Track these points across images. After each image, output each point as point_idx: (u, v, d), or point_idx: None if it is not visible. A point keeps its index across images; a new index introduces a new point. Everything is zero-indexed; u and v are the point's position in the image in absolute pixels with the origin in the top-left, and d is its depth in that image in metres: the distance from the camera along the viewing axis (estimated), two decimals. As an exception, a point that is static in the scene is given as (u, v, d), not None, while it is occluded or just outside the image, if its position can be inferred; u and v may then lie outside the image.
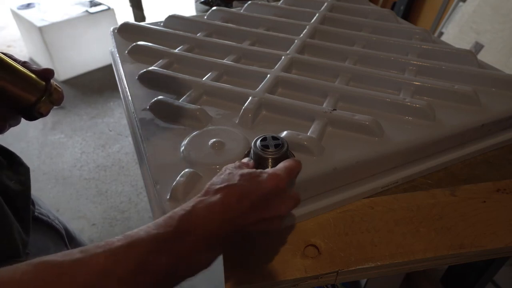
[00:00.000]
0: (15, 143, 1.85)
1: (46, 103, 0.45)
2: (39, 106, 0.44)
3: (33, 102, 0.44)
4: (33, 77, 0.44)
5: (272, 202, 0.35)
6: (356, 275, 0.43)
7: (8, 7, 2.45)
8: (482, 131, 0.57)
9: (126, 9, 2.58)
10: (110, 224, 1.46)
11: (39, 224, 0.51)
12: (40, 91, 0.44)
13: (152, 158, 0.47)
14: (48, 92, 0.45)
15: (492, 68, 0.68)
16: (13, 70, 0.42)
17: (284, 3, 0.90)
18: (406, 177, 0.53)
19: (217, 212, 0.32)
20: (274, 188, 0.35)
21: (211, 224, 0.31)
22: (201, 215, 0.31)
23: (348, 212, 0.49)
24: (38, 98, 0.44)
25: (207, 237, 0.31)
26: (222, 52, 0.69)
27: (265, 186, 0.34)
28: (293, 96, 0.58)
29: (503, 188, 0.53)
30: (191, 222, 0.31)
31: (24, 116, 0.46)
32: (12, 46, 2.76)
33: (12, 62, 0.42)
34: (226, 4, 2.60)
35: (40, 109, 0.44)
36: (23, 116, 0.46)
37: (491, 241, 0.45)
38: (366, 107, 0.56)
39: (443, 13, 1.89)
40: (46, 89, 0.45)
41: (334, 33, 0.75)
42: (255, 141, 0.44)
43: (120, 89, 0.66)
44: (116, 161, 1.76)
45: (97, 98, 2.19)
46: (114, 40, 0.74)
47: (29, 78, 0.43)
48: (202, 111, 0.53)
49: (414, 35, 0.75)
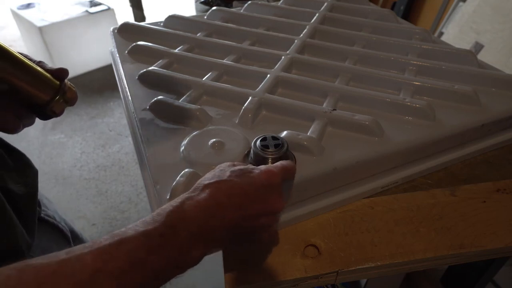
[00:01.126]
0: (15, 143, 1.84)
1: (60, 103, 0.45)
2: (52, 105, 0.45)
3: (47, 101, 0.44)
4: (47, 76, 0.44)
5: (264, 196, 0.34)
6: (356, 275, 0.43)
7: (8, 7, 2.45)
8: (482, 131, 0.57)
9: (126, 9, 2.58)
10: (110, 224, 1.46)
11: (44, 226, 0.50)
12: (54, 90, 0.45)
13: (152, 158, 0.47)
14: (62, 91, 0.45)
15: (492, 68, 0.68)
16: (28, 69, 0.42)
17: (284, 3, 0.90)
18: (406, 177, 0.53)
19: (205, 207, 0.31)
20: (266, 181, 0.34)
21: (199, 220, 0.30)
22: (188, 210, 0.30)
23: (348, 212, 0.49)
24: (52, 97, 0.44)
25: (195, 233, 0.30)
26: (222, 52, 0.69)
27: (256, 180, 0.34)
28: (293, 96, 0.58)
29: (503, 188, 0.53)
30: (179, 218, 0.30)
31: (38, 115, 0.47)
32: (12, 46, 2.74)
33: (27, 61, 0.42)
34: (226, 4, 2.60)
35: (54, 108, 0.45)
36: (37, 115, 0.47)
37: (491, 241, 0.45)
38: (366, 107, 0.56)
39: (443, 13, 1.89)
40: (60, 88, 0.45)
41: (334, 33, 0.75)
42: (255, 141, 0.44)
43: (120, 89, 0.66)
44: (116, 161, 1.76)
45: (97, 98, 2.19)
46: (114, 40, 0.74)
47: (44, 77, 0.44)
48: (202, 111, 0.53)
49: (414, 35, 0.75)
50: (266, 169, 0.35)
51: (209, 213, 0.31)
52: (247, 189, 0.33)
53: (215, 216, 0.31)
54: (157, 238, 0.28)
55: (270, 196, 0.34)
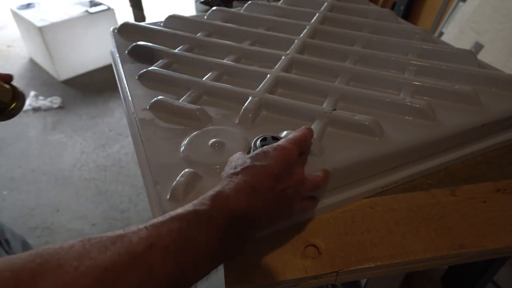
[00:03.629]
0: (15, 143, 1.85)
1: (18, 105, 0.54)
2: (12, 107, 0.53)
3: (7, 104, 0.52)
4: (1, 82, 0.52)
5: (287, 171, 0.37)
6: (356, 275, 0.43)
7: (8, 7, 2.45)
8: (482, 131, 0.57)
9: (126, 9, 2.58)
10: (110, 224, 1.46)
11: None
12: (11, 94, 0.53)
13: (152, 158, 0.47)
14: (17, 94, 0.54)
15: (492, 68, 0.68)
16: None
17: (284, 3, 0.90)
18: (406, 177, 0.53)
19: (242, 191, 0.33)
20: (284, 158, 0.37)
21: (241, 201, 0.33)
22: (230, 194, 0.33)
23: (348, 212, 0.49)
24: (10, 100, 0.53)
25: (240, 214, 0.32)
26: (222, 52, 0.69)
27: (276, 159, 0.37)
28: (293, 96, 0.58)
29: (503, 188, 0.53)
30: (223, 200, 0.32)
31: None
32: (12, 46, 2.76)
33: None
34: (226, 4, 2.59)
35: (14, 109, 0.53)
36: None
37: (491, 241, 0.45)
38: (366, 107, 0.56)
39: (443, 13, 1.89)
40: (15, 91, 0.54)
41: (334, 33, 0.75)
42: (255, 141, 0.44)
43: (120, 89, 0.66)
44: (116, 161, 1.76)
45: (97, 98, 2.19)
46: (114, 40, 0.74)
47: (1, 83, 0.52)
48: (202, 111, 0.53)
49: (414, 35, 0.75)
50: (281, 147, 0.38)
51: (248, 196, 0.33)
52: (270, 170, 0.36)
53: (253, 198, 0.33)
54: (205, 219, 0.30)
55: (291, 169, 0.38)
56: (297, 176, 0.38)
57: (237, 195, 0.33)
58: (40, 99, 2.13)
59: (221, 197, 0.32)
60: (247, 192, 0.33)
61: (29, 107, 2.07)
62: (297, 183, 0.38)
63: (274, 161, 0.36)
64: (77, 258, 0.24)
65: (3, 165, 1.73)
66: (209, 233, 0.29)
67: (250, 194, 0.33)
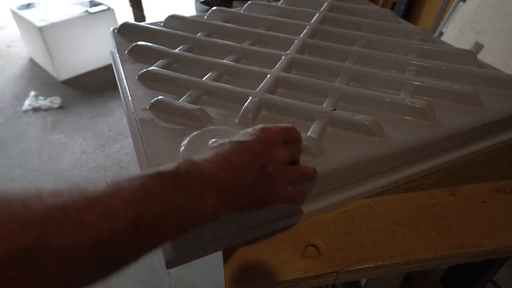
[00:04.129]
0: (15, 143, 1.85)
1: None
2: None
3: None
4: None
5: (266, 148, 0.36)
6: (356, 275, 0.43)
7: (8, 7, 2.45)
8: (482, 131, 0.57)
9: (126, 9, 2.58)
10: (110, 224, 1.46)
11: None
12: None
13: (152, 158, 0.47)
14: None
15: (492, 68, 0.68)
16: None
17: (284, 3, 0.90)
18: (406, 177, 0.53)
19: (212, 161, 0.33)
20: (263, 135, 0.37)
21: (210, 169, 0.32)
22: (199, 160, 0.33)
23: (348, 212, 0.49)
24: None
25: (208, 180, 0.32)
26: (222, 52, 0.69)
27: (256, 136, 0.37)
28: (293, 96, 0.58)
29: (503, 188, 0.53)
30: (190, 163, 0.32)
31: None
32: (12, 46, 2.76)
33: None
34: (226, 4, 2.59)
35: None
36: None
37: (491, 241, 0.45)
38: (366, 107, 0.56)
39: (443, 13, 1.89)
40: None
41: (334, 33, 0.75)
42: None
43: (120, 89, 0.66)
44: (116, 161, 1.76)
45: (97, 98, 2.19)
46: (114, 40, 0.74)
47: None
48: (202, 111, 0.53)
49: (414, 35, 0.75)
50: (262, 127, 0.38)
51: (218, 166, 0.33)
52: (250, 146, 0.36)
53: (224, 169, 0.33)
54: (171, 178, 0.30)
55: (272, 147, 0.37)
56: (279, 157, 0.37)
57: (206, 163, 0.33)
58: (40, 99, 2.13)
59: (188, 161, 0.32)
60: (217, 160, 0.33)
61: (29, 107, 2.07)
62: (279, 163, 0.37)
63: (253, 138, 0.37)
64: (28, 196, 0.23)
65: (3, 165, 1.73)
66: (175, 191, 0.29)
67: (220, 162, 0.33)
